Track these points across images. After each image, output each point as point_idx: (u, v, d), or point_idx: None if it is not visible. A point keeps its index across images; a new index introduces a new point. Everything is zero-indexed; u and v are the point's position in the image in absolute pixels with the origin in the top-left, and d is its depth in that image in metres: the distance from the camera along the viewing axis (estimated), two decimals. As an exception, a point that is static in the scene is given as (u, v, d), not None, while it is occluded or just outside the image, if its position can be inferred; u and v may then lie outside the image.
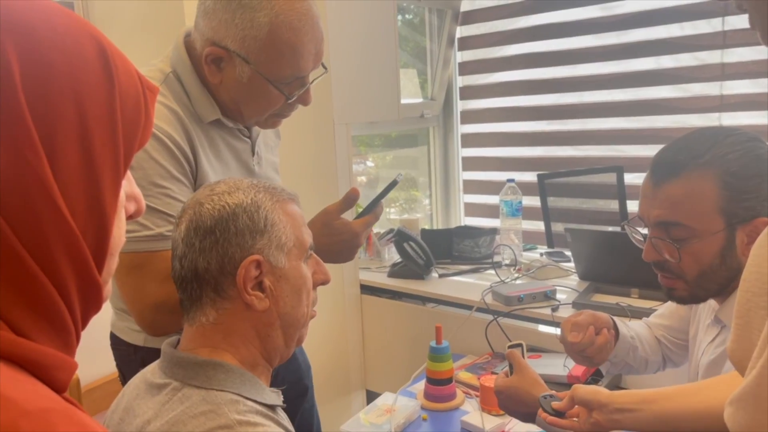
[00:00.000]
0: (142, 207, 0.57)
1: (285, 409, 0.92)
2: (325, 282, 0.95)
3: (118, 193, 0.50)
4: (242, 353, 0.84)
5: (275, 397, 0.85)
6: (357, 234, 1.20)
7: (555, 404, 1.03)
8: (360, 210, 1.26)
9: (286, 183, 1.42)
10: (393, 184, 1.23)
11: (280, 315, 0.85)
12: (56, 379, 0.47)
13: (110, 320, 1.26)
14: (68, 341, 0.49)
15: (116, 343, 1.25)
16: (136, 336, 1.18)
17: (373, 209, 1.23)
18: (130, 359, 1.21)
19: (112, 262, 0.53)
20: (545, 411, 1.04)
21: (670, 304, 1.31)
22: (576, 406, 1.01)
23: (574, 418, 1.00)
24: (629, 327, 1.29)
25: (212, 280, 0.82)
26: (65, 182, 0.45)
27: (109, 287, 0.54)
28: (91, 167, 0.47)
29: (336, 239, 1.19)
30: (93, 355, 1.25)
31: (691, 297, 1.10)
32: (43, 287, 0.45)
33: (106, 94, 0.48)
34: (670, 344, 1.31)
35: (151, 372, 0.87)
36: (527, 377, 1.15)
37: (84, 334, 0.52)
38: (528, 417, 1.14)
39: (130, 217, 0.56)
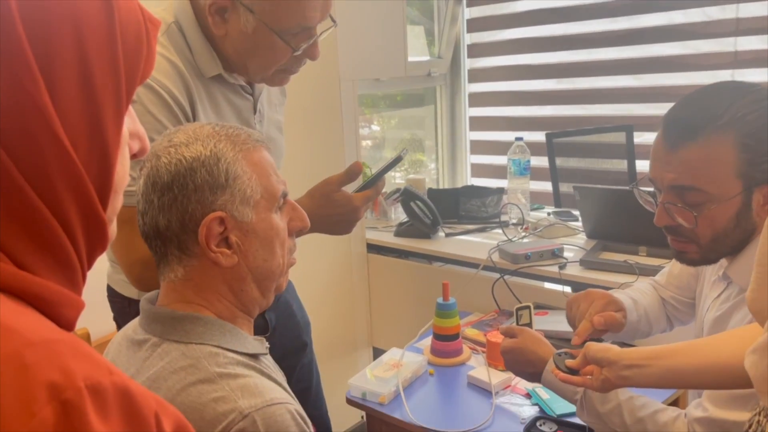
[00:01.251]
0: (147, 146, 0.55)
1: (281, 362, 0.91)
2: (303, 229, 0.90)
3: (121, 127, 0.49)
4: (217, 307, 0.82)
5: (258, 346, 0.84)
6: (357, 208, 1.18)
7: (569, 362, 1.02)
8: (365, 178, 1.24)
9: (290, 142, 1.40)
10: (397, 160, 1.20)
11: (252, 269, 0.82)
12: (62, 315, 0.46)
13: (106, 272, 1.26)
14: (74, 279, 0.48)
15: (112, 295, 1.26)
16: (130, 289, 1.18)
17: (375, 183, 1.20)
18: (125, 312, 1.21)
19: (117, 200, 0.52)
20: (558, 368, 1.04)
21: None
22: (590, 365, 1.00)
23: (588, 376, 1.00)
24: (638, 304, 1.26)
25: (174, 238, 0.79)
26: (65, 112, 0.44)
27: (114, 227, 0.53)
28: (91, 98, 0.45)
29: (335, 212, 1.17)
30: (103, 310, 1.26)
31: (703, 259, 1.08)
32: (45, 220, 0.44)
33: (105, 24, 0.47)
34: (678, 304, 1.29)
35: (132, 329, 0.86)
36: (532, 337, 1.15)
37: (94, 288, 0.51)
38: (534, 376, 1.14)
39: (134, 156, 0.55)
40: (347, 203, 1.17)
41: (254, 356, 0.81)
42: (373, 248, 2.27)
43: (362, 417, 2.21)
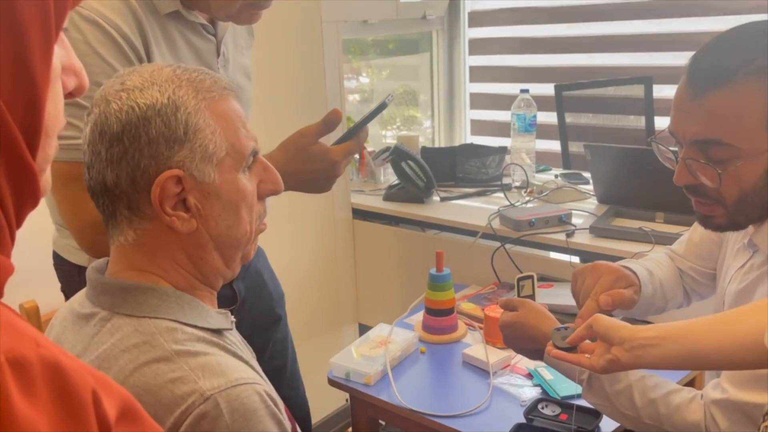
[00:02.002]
0: (85, 84, 0.53)
1: (251, 338, 0.90)
2: (275, 192, 0.87)
3: (51, 60, 0.46)
4: (174, 277, 0.80)
5: (222, 320, 0.82)
6: (335, 163, 1.16)
7: (570, 338, 1.01)
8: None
9: (262, 93, 1.37)
10: (381, 107, 1.18)
11: (213, 236, 0.80)
12: None
13: (52, 237, 1.24)
14: (0, 238, 0.46)
15: (59, 262, 1.23)
16: (79, 255, 1.16)
17: (356, 134, 1.18)
18: (74, 281, 1.19)
19: (49, 146, 0.49)
20: (555, 344, 1.03)
21: (698, 227, 1.28)
22: (590, 341, 0.99)
23: (587, 355, 0.99)
24: (653, 276, 1.25)
25: (124, 196, 0.76)
26: None
27: (47, 177, 0.51)
28: (12, 23, 0.43)
29: (311, 167, 1.15)
30: (54, 281, 1.25)
31: (730, 224, 1.07)
32: None
33: None
34: (698, 275, 1.29)
35: (78, 301, 0.84)
36: (534, 310, 1.14)
37: (43, 256, 0.49)
38: (536, 353, 1.14)
39: (69, 96, 0.52)
40: (325, 157, 1.15)
41: (217, 332, 0.80)
42: (360, 214, 2.26)
43: (346, 400, 2.23)
